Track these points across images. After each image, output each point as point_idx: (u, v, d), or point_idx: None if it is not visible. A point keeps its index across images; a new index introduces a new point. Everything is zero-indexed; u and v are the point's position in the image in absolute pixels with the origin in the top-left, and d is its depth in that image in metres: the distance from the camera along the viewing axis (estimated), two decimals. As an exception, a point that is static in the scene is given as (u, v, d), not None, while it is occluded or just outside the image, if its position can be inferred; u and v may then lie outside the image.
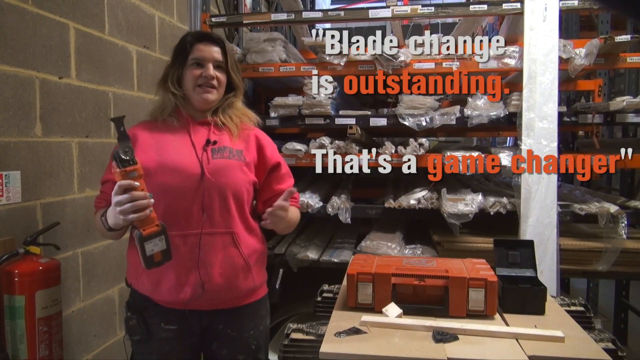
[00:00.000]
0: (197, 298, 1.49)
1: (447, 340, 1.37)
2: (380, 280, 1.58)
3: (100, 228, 1.48)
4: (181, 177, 1.46)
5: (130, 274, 1.57)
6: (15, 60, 1.89)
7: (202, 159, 1.49)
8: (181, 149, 1.50)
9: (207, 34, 1.59)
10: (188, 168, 1.47)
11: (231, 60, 1.57)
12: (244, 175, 1.54)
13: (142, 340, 1.53)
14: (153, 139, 1.52)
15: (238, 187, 1.52)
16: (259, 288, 1.63)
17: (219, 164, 1.50)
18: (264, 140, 1.64)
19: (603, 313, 3.81)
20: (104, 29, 2.36)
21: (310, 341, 1.52)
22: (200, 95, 1.52)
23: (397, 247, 2.69)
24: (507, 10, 2.68)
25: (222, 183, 1.48)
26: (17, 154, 1.91)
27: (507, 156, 2.62)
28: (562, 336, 1.38)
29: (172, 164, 1.47)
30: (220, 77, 1.54)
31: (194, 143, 1.51)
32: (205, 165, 1.48)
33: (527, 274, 1.76)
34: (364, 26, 7.83)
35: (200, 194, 1.47)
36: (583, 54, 2.62)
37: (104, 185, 1.55)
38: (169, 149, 1.50)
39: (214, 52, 1.54)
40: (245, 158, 1.56)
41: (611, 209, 2.51)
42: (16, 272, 1.81)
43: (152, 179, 1.42)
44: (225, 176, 1.49)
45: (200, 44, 1.54)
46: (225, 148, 1.54)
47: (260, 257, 1.62)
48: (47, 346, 1.87)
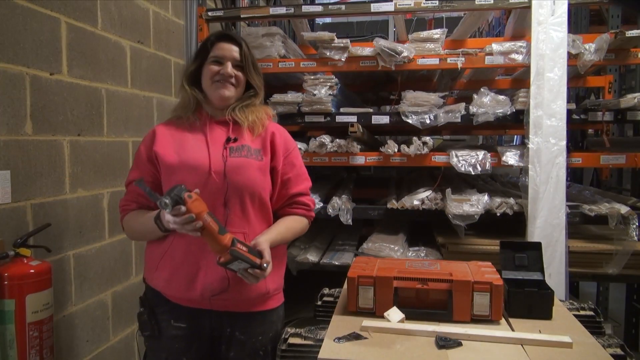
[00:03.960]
0: (207, 297, 1.51)
1: (451, 346, 1.36)
2: (381, 284, 1.57)
3: (147, 229, 1.51)
4: (200, 175, 1.49)
5: (146, 269, 1.61)
6: (4, 56, 1.86)
7: (220, 157, 1.52)
8: (199, 147, 1.54)
9: (228, 34, 1.62)
10: (205, 166, 1.50)
11: (251, 60, 1.60)
12: (262, 176, 1.56)
13: (153, 336, 1.57)
14: (172, 137, 1.57)
15: (256, 186, 1.54)
16: (272, 295, 1.62)
17: (236, 162, 1.52)
18: (279, 140, 1.63)
19: (613, 318, 3.78)
20: (97, 24, 2.32)
21: (309, 346, 1.52)
22: (217, 91, 1.56)
23: (400, 250, 2.66)
24: (514, 4, 2.65)
25: (240, 182, 1.50)
26: (7, 153, 1.88)
27: (514, 155, 2.58)
28: (570, 342, 1.36)
29: (191, 162, 1.51)
30: (239, 76, 1.58)
31: (209, 141, 1.54)
32: (222, 163, 1.51)
33: (534, 277, 1.74)
34: (365, 20, 7.84)
35: (222, 192, 1.49)
36: (593, 49, 2.59)
37: (129, 186, 1.61)
38: (187, 147, 1.54)
39: (234, 51, 1.58)
40: (263, 157, 1.57)
41: (622, 209, 2.48)
42: (6, 275, 1.77)
43: (173, 177, 1.49)
44: (242, 174, 1.51)
45: (220, 43, 1.58)
46: (244, 147, 1.56)
47: (275, 259, 1.54)
48: (37, 352, 1.83)
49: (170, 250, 1.52)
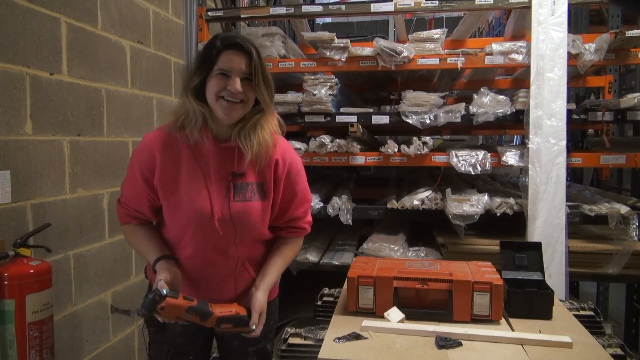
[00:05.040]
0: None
1: (451, 346, 1.35)
2: (381, 284, 1.57)
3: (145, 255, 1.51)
4: (203, 219, 1.43)
5: (150, 267, 1.58)
6: (4, 56, 1.85)
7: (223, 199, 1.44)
8: (200, 187, 1.43)
9: (236, 42, 1.40)
10: (207, 211, 1.43)
11: (261, 72, 1.40)
12: (264, 215, 1.49)
13: (158, 331, 1.56)
14: (173, 168, 1.44)
15: (256, 230, 1.50)
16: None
17: (240, 208, 1.44)
18: (281, 171, 1.50)
19: (613, 318, 3.76)
20: (97, 24, 2.32)
21: (309, 346, 1.53)
22: (223, 110, 1.39)
23: (400, 250, 2.65)
24: (514, 4, 2.65)
25: (243, 229, 1.46)
26: (7, 153, 1.87)
27: (514, 155, 2.58)
28: (570, 342, 1.36)
29: (194, 206, 1.43)
30: (248, 92, 1.40)
31: (213, 179, 1.44)
32: (225, 209, 1.43)
33: (534, 277, 1.73)
34: (365, 20, 7.84)
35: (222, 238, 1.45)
36: (593, 49, 2.58)
37: (124, 196, 1.52)
38: (189, 185, 1.43)
39: (243, 62, 1.38)
40: (266, 195, 1.48)
41: (622, 209, 2.47)
42: (6, 275, 1.76)
43: (176, 214, 1.45)
44: (244, 220, 1.45)
45: (228, 52, 1.38)
46: (248, 185, 1.46)
47: None
48: (37, 352, 1.82)
49: (179, 265, 1.50)
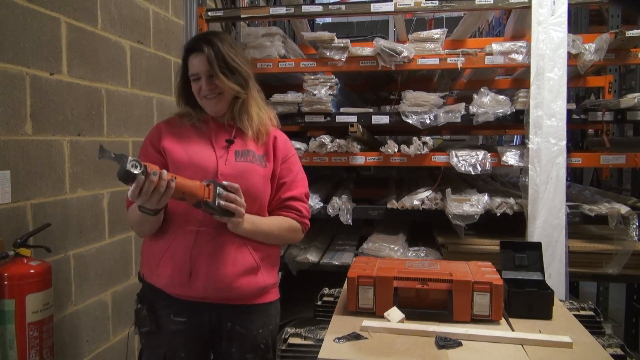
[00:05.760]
0: (210, 294, 1.52)
1: (451, 346, 1.35)
2: (381, 284, 1.56)
3: (141, 219, 1.49)
4: (207, 176, 1.50)
5: (145, 265, 1.62)
6: (4, 56, 1.86)
7: (226, 160, 1.54)
8: (205, 147, 1.57)
9: (192, 45, 1.56)
10: (212, 167, 1.53)
11: (221, 62, 1.52)
12: (264, 182, 1.59)
13: (151, 332, 1.57)
14: (179, 135, 1.59)
15: (258, 192, 1.57)
16: (270, 289, 1.64)
17: (242, 167, 1.55)
18: (280, 144, 1.65)
19: (613, 318, 3.76)
20: (97, 24, 2.32)
21: (309, 346, 1.52)
22: (208, 106, 1.57)
23: (400, 250, 2.65)
24: (514, 4, 2.63)
25: (244, 187, 1.50)
26: (7, 153, 1.88)
27: (514, 155, 2.58)
28: (570, 342, 1.36)
29: (199, 162, 1.53)
30: (219, 84, 1.53)
31: (215, 144, 1.57)
32: (229, 166, 1.53)
33: (534, 277, 1.73)
34: (365, 20, 7.85)
35: None
36: (593, 49, 2.58)
37: None
38: (194, 146, 1.56)
39: (202, 63, 1.52)
40: (267, 164, 1.60)
41: (622, 209, 2.47)
42: (6, 275, 1.77)
43: (180, 174, 1.46)
44: (247, 179, 1.53)
45: (190, 57, 1.55)
46: (249, 152, 1.58)
47: (270, 258, 1.64)
48: (37, 352, 1.83)
49: (170, 250, 1.53)
